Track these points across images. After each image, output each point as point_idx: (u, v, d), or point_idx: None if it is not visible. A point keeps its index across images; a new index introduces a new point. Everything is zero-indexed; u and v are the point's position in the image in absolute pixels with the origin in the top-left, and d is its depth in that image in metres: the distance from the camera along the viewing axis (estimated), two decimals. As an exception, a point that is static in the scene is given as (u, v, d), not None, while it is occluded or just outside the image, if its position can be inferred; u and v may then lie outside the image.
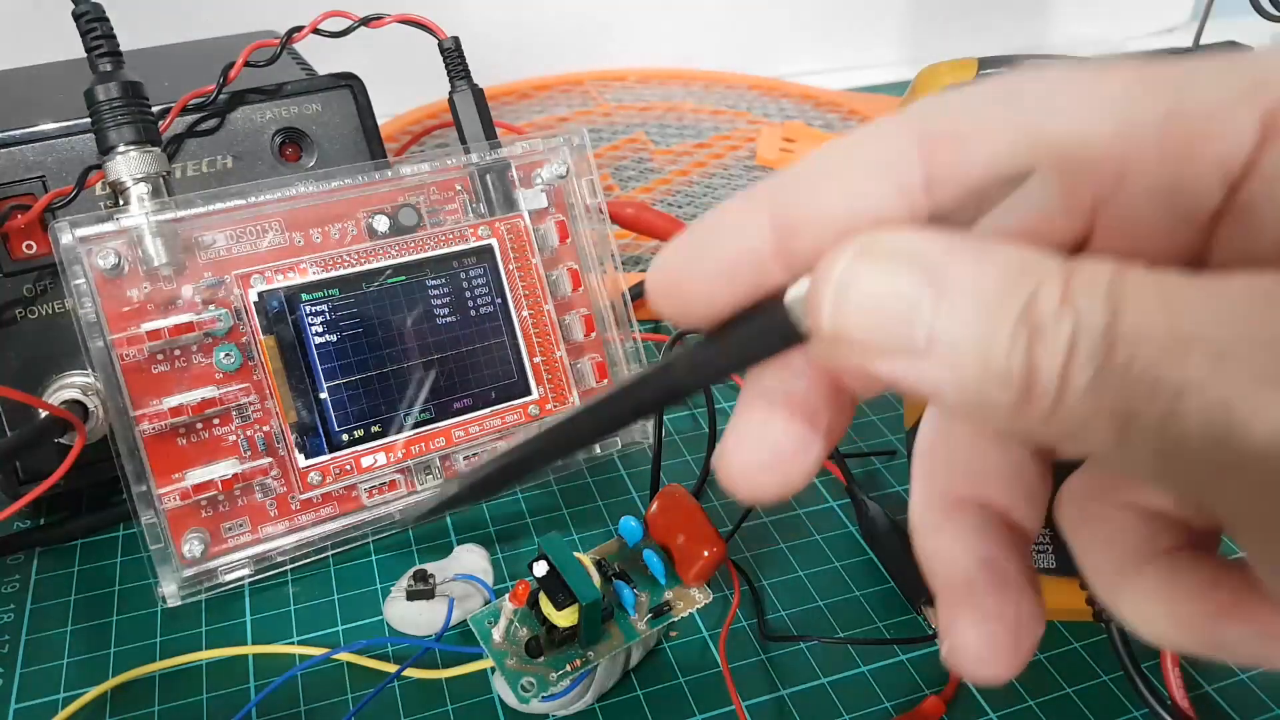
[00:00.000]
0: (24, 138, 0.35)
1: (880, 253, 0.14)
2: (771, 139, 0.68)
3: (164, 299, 0.34)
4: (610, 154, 0.69)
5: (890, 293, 0.14)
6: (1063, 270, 0.13)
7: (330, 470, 0.35)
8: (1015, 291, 0.13)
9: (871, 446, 0.43)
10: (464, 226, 0.38)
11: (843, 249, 0.15)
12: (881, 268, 0.14)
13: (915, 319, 0.14)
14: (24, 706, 0.31)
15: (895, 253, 0.14)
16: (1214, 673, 0.32)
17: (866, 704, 0.31)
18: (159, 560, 0.33)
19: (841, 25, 0.91)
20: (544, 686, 0.28)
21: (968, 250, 0.14)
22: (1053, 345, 0.13)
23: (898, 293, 0.14)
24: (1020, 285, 0.13)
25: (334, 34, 0.39)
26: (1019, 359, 0.13)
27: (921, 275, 0.14)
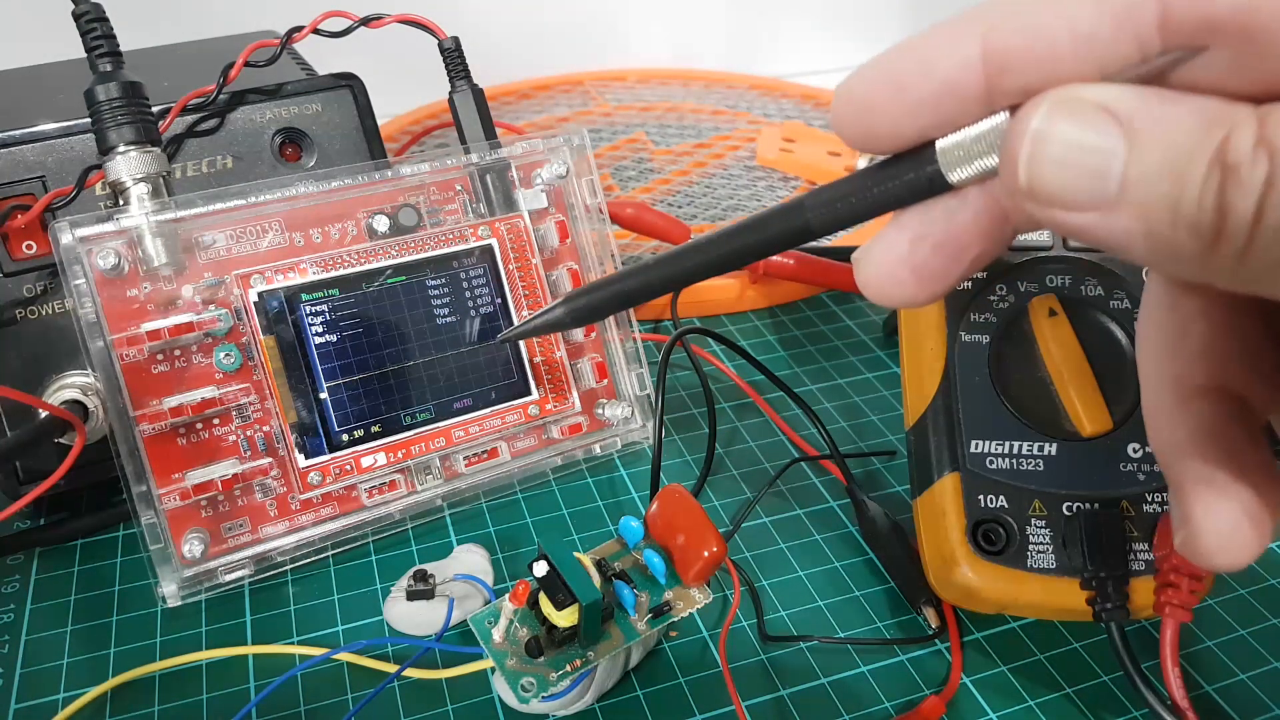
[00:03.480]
0: (24, 138, 0.35)
1: (1076, 105, 0.14)
2: (771, 139, 0.68)
3: (164, 299, 0.34)
4: (610, 154, 0.69)
5: (1085, 145, 0.14)
6: (1256, 115, 0.13)
7: (330, 470, 0.35)
8: (1208, 136, 0.13)
9: (871, 446, 0.43)
10: (464, 226, 0.38)
11: (1039, 101, 0.15)
12: (1077, 120, 0.14)
13: (1108, 171, 0.14)
14: (24, 706, 0.31)
15: (1091, 105, 0.14)
16: (1214, 673, 0.32)
17: (866, 704, 0.31)
18: (159, 560, 0.33)
19: (841, 25, 0.91)
20: (544, 686, 0.28)
21: (1160, 100, 0.14)
22: (1248, 184, 0.13)
23: (1093, 145, 0.14)
24: (1213, 130, 0.13)
25: (334, 34, 0.39)
26: (1210, 202, 0.13)
27: (1116, 127, 0.14)
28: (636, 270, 0.19)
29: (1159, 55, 0.14)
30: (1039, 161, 0.15)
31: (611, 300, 0.20)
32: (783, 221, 0.18)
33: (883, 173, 0.17)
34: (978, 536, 0.31)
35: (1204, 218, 0.13)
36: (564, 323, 0.20)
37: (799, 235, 0.18)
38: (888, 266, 0.17)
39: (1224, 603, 0.35)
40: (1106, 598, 0.29)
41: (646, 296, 0.20)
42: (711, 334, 0.42)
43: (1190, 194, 0.13)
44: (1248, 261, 0.13)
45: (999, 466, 0.31)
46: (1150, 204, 0.14)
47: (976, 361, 0.32)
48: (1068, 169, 0.14)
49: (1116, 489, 0.31)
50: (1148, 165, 0.14)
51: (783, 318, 0.53)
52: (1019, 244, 0.33)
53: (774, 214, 0.18)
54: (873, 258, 0.17)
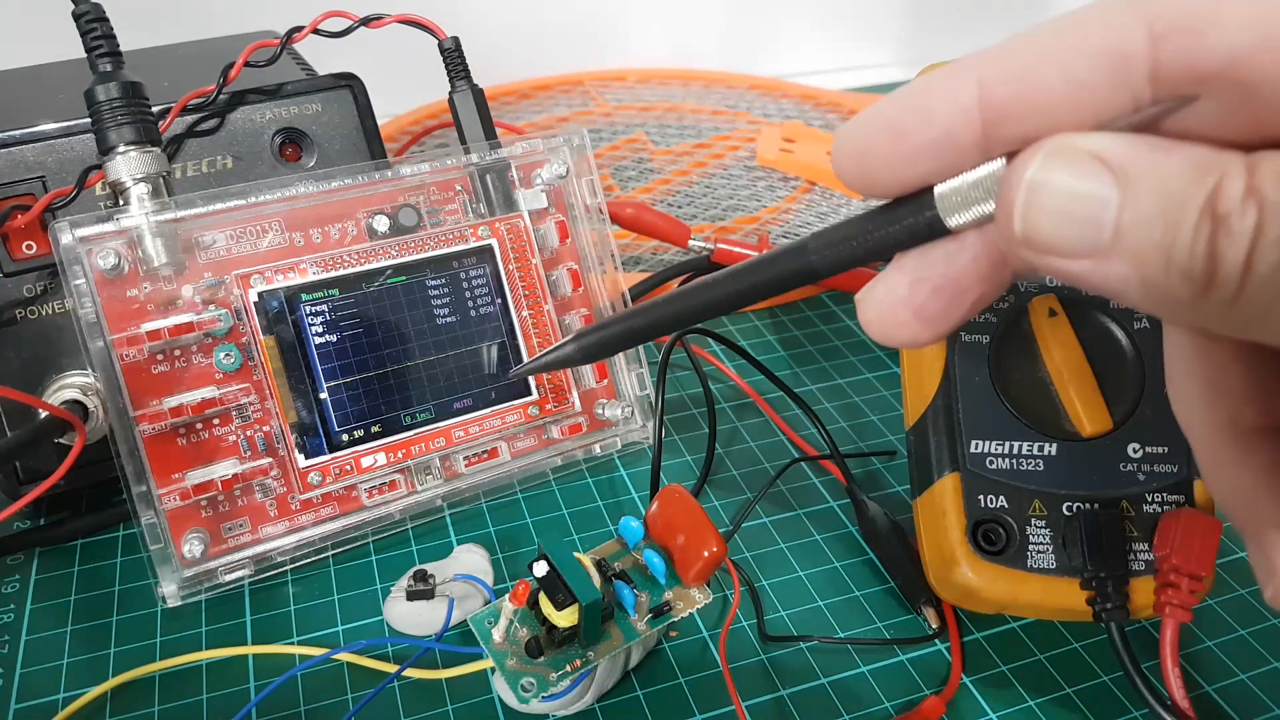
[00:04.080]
0: (24, 138, 0.35)
1: (1071, 154, 0.15)
2: (771, 139, 0.68)
3: (164, 299, 0.34)
4: (610, 154, 0.69)
5: (1079, 193, 0.14)
6: (1246, 164, 0.14)
7: (330, 470, 0.35)
8: (1200, 185, 0.14)
9: (871, 446, 0.43)
10: (464, 226, 0.38)
11: (1033, 151, 0.15)
12: (1071, 169, 0.14)
13: (1102, 219, 0.14)
14: (24, 706, 0.31)
15: (1085, 154, 0.14)
16: (1214, 673, 0.32)
17: (866, 704, 0.31)
18: (159, 560, 0.33)
19: (841, 25, 0.91)
20: (544, 686, 0.28)
21: (1152, 149, 0.14)
22: (1237, 233, 0.13)
23: (1087, 193, 0.14)
24: (1204, 179, 0.14)
25: (334, 34, 0.39)
26: (1202, 249, 0.14)
27: (1109, 175, 0.14)
28: (645, 308, 0.20)
29: (1151, 105, 0.15)
30: (1034, 210, 0.15)
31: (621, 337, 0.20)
32: (788, 262, 0.18)
33: (883, 217, 0.17)
34: (978, 536, 0.31)
35: (1196, 265, 0.14)
36: (574, 359, 0.21)
37: (803, 276, 0.18)
38: (889, 308, 0.18)
39: (1224, 603, 0.35)
40: (1106, 598, 0.29)
41: (655, 334, 0.20)
42: (711, 334, 0.42)
43: (1183, 241, 0.14)
44: (1239, 308, 0.14)
45: (999, 466, 0.31)
46: (1144, 251, 0.14)
47: (976, 361, 0.32)
48: (1062, 217, 0.15)
49: (1116, 489, 0.31)
50: (1141, 213, 0.14)
51: (783, 318, 0.53)
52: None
53: (779, 255, 0.18)
54: (875, 299, 0.18)
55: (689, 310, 0.19)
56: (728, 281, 0.19)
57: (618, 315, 0.20)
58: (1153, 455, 0.31)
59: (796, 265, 0.18)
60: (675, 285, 0.52)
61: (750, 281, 0.19)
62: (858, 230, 0.17)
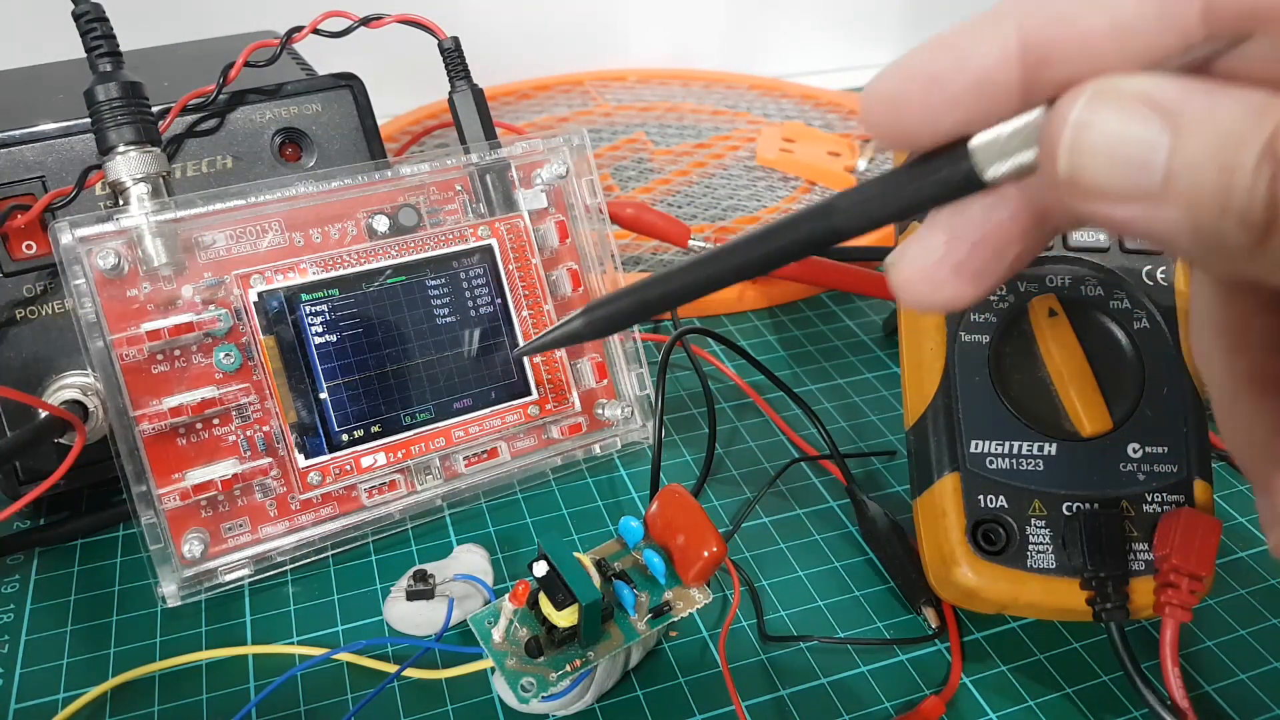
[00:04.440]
0: (24, 138, 0.35)
1: (1118, 95, 0.14)
2: (771, 139, 0.68)
3: (164, 299, 0.34)
4: (610, 154, 0.69)
5: (1128, 135, 0.14)
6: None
7: (330, 470, 0.35)
8: (1258, 127, 0.13)
9: (871, 446, 0.43)
10: (464, 226, 0.38)
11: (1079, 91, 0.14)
12: (1119, 111, 0.14)
13: (1152, 162, 0.14)
14: (24, 706, 0.31)
15: (1133, 95, 0.14)
16: (1214, 673, 0.32)
17: (866, 704, 0.31)
18: (159, 560, 0.33)
19: (841, 25, 0.91)
20: (544, 686, 0.28)
21: (1205, 90, 0.14)
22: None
23: (1136, 136, 0.14)
24: (1263, 120, 0.13)
25: (334, 34, 0.39)
26: (1261, 193, 0.13)
27: (1160, 118, 0.14)
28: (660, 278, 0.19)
29: (1202, 45, 0.14)
30: (1080, 152, 0.14)
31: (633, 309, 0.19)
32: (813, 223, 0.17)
33: (915, 171, 0.16)
34: (978, 536, 0.31)
35: (1254, 210, 0.13)
36: (582, 334, 0.20)
37: (829, 236, 0.17)
38: (926, 268, 0.17)
39: (1224, 603, 0.35)
40: (1106, 598, 0.29)
41: (669, 305, 0.19)
42: (711, 334, 0.42)
43: (1240, 185, 0.13)
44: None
45: (999, 466, 0.31)
46: (1197, 196, 0.13)
47: (976, 361, 0.32)
48: (1110, 159, 0.14)
49: (1116, 489, 0.31)
50: (1193, 156, 0.13)
51: (783, 318, 0.53)
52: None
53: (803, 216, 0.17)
54: (909, 259, 0.17)
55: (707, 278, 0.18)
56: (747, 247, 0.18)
57: (629, 286, 0.19)
58: (1153, 455, 0.31)
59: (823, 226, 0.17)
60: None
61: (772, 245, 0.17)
62: (888, 186, 0.17)
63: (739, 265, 0.18)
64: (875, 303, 0.53)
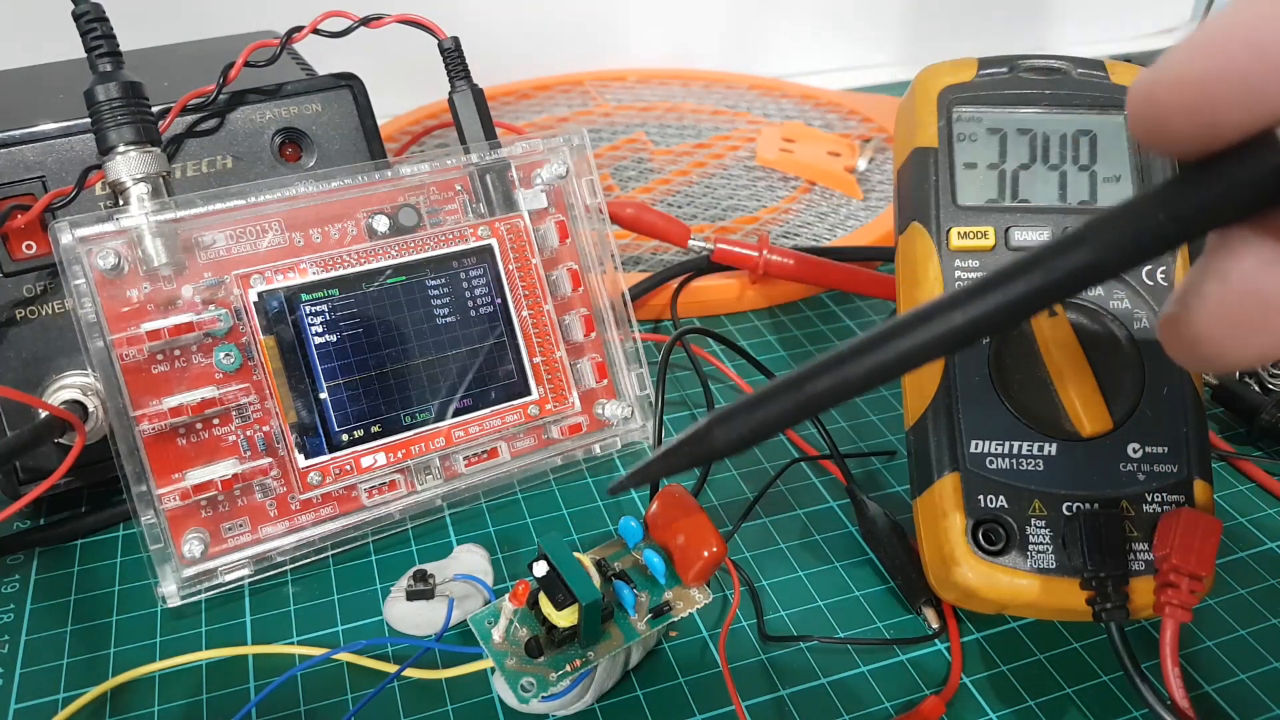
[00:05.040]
0: (24, 138, 0.35)
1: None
2: (771, 139, 0.68)
3: (164, 299, 0.34)
4: (610, 154, 0.69)
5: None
6: None
7: (330, 470, 0.35)
8: None
9: (871, 446, 0.43)
10: (464, 226, 0.38)
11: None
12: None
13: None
14: (24, 706, 0.31)
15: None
16: (1214, 673, 0.32)
17: (866, 704, 0.31)
18: (159, 560, 0.33)
19: (841, 25, 0.91)
20: (544, 686, 0.28)
21: None
22: None
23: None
24: None
25: (334, 34, 0.39)
26: None
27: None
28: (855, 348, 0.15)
29: None
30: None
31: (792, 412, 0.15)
32: (1058, 261, 0.13)
33: (1198, 180, 0.13)
34: (978, 536, 0.31)
35: None
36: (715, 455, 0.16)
37: (1082, 278, 0.13)
38: (1236, 308, 0.13)
39: (1224, 603, 0.35)
40: (1106, 598, 0.29)
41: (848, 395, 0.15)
42: (711, 334, 0.42)
43: None
44: None
45: (999, 466, 0.31)
46: None
47: (976, 361, 0.32)
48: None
49: (1116, 489, 0.31)
50: None
51: (783, 318, 0.53)
52: (1018, 244, 0.33)
53: (1044, 253, 0.13)
54: (1206, 304, 0.13)
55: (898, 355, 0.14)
56: (963, 305, 0.13)
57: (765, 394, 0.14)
58: (1153, 455, 0.31)
59: (1073, 263, 0.13)
60: (676, 285, 0.52)
61: (1007, 297, 0.13)
62: (1157, 203, 0.13)
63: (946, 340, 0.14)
64: (875, 303, 0.53)
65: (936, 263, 0.33)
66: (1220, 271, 0.13)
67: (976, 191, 0.34)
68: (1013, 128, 0.35)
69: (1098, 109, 0.35)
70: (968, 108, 0.35)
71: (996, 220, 0.34)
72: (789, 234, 0.59)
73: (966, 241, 0.33)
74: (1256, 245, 0.13)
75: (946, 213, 0.34)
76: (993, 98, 0.35)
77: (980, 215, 0.34)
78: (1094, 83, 0.35)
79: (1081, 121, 0.35)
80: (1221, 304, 0.13)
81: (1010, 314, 0.14)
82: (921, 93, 0.36)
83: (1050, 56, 0.36)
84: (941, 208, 0.34)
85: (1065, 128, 0.35)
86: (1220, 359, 0.13)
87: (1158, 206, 0.13)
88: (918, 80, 0.37)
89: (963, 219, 0.34)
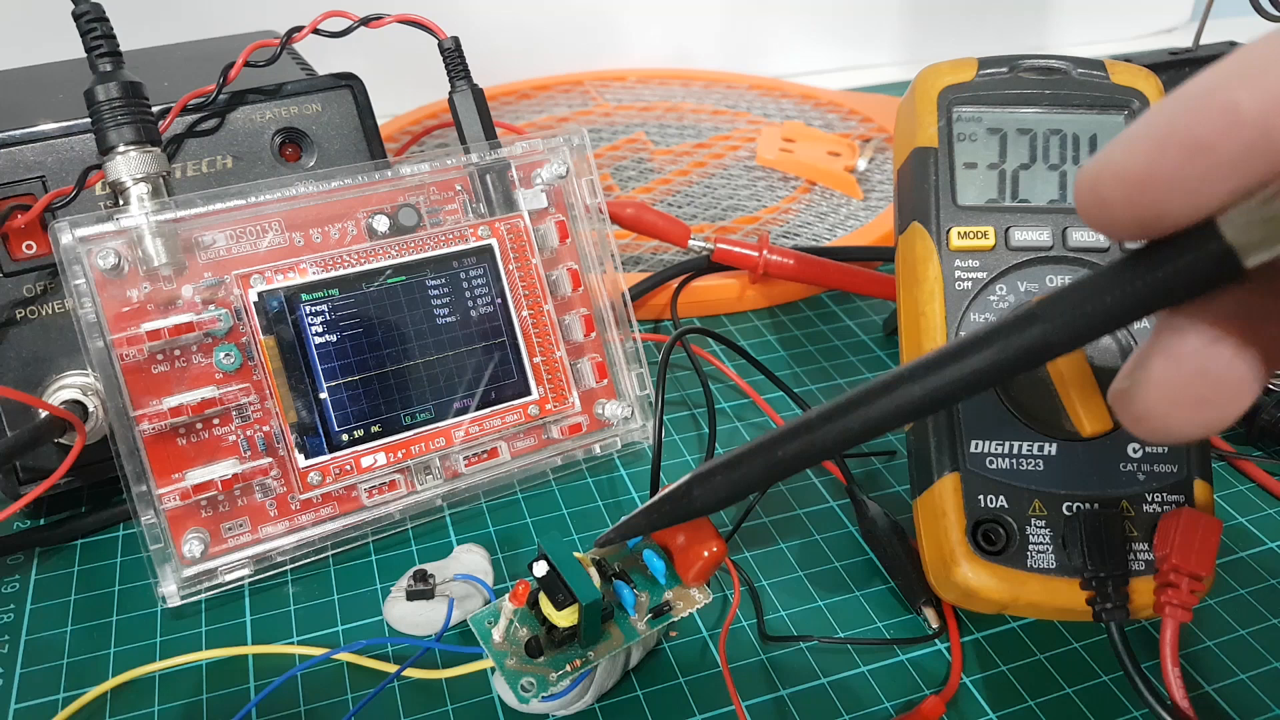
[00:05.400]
0: (24, 138, 0.35)
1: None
2: (771, 139, 0.68)
3: (164, 299, 0.34)
4: (610, 154, 0.69)
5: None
6: None
7: (330, 470, 0.35)
8: None
9: (871, 447, 0.43)
10: (464, 226, 0.38)
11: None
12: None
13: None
14: (24, 706, 0.31)
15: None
16: (1214, 673, 0.32)
17: (866, 704, 0.31)
18: (159, 560, 0.33)
19: (841, 25, 0.91)
20: (544, 686, 0.28)
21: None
22: None
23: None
24: None
25: (334, 34, 0.39)
26: None
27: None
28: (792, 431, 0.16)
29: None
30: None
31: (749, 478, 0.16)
32: (1010, 338, 0.14)
33: (1148, 264, 0.13)
34: (978, 536, 0.31)
35: None
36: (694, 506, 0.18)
37: (1034, 355, 0.14)
38: (1184, 386, 0.14)
39: (1224, 603, 0.35)
40: (1106, 598, 0.29)
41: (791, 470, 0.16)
42: (711, 334, 0.42)
43: None
44: None
45: (999, 466, 0.31)
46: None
47: (976, 361, 0.32)
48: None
49: (1116, 489, 0.31)
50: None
51: (783, 318, 0.53)
52: (1018, 244, 0.33)
53: (995, 331, 0.14)
54: (1154, 381, 0.14)
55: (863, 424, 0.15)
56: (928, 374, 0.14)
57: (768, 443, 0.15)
58: (1153, 455, 0.31)
59: (1026, 340, 0.14)
60: (676, 284, 0.52)
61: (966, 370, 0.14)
62: (1107, 284, 0.14)
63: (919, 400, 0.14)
64: (875, 303, 0.53)
65: (936, 262, 0.33)
66: (1167, 350, 0.14)
67: (976, 191, 0.34)
68: (1013, 128, 0.35)
69: (1098, 109, 0.35)
70: (968, 108, 0.35)
71: (996, 220, 0.34)
72: (789, 234, 0.59)
73: (967, 241, 0.33)
74: (1201, 325, 0.14)
75: (946, 212, 0.34)
76: (993, 98, 0.35)
77: (980, 215, 0.34)
78: (1094, 83, 0.35)
79: (1081, 121, 0.35)
80: (1168, 382, 0.14)
81: (966, 388, 0.14)
82: (921, 93, 0.36)
83: (1050, 56, 0.36)
84: (941, 208, 0.34)
85: (1065, 128, 0.35)
86: (1169, 434, 0.14)
87: (1106, 288, 0.14)
88: (918, 80, 0.37)
89: (963, 219, 0.34)
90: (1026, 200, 0.34)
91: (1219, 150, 0.12)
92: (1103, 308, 0.14)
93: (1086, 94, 0.35)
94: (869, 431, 0.15)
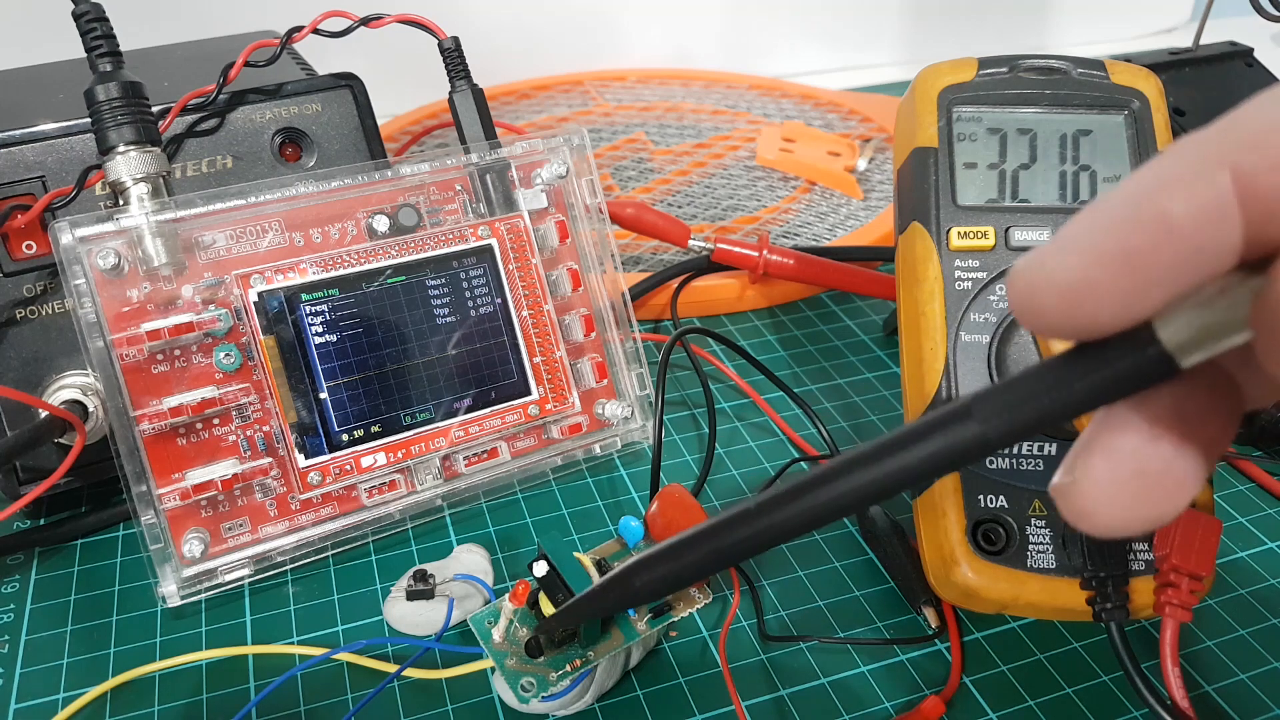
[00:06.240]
0: (24, 138, 0.35)
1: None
2: (771, 139, 0.68)
3: (164, 299, 0.34)
4: (610, 154, 0.69)
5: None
6: None
7: (330, 470, 0.35)
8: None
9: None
10: (464, 226, 0.38)
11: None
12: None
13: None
14: (24, 706, 0.31)
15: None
16: (1214, 673, 0.32)
17: (866, 704, 0.31)
18: (159, 560, 0.33)
19: (841, 25, 0.91)
20: (544, 686, 0.28)
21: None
22: None
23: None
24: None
25: (334, 34, 0.39)
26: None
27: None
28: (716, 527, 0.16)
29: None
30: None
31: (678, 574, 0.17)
32: (946, 436, 0.14)
33: (1080, 364, 0.14)
34: (978, 536, 0.31)
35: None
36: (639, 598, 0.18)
37: (970, 452, 0.14)
38: (1125, 482, 0.14)
39: (1224, 603, 0.35)
40: (1106, 598, 0.29)
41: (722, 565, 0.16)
42: (711, 334, 0.42)
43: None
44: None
45: (999, 466, 0.31)
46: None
47: (976, 361, 0.32)
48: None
49: (1116, 489, 0.31)
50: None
51: (783, 318, 0.53)
52: (1018, 244, 0.33)
53: (930, 425, 0.14)
54: (1094, 479, 0.14)
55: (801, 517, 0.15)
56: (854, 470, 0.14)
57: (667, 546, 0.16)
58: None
59: (963, 438, 0.14)
60: (676, 285, 0.52)
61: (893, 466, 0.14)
62: (1044, 384, 0.14)
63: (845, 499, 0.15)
64: (875, 303, 0.53)
65: (936, 262, 0.33)
66: (1105, 447, 0.14)
67: (976, 191, 0.34)
68: (1013, 128, 0.35)
69: (1098, 109, 0.35)
70: (968, 107, 0.35)
71: (996, 220, 0.34)
72: (789, 234, 0.59)
73: (966, 241, 0.33)
74: (1138, 423, 0.14)
75: (946, 212, 0.34)
76: (993, 98, 0.35)
77: (980, 215, 0.34)
78: (1094, 83, 0.35)
79: (1081, 121, 0.35)
80: (1107, 480, 0.14)
81: (903, 481, 0.15)
82: (921, 93, 0.36)
83: (1050, 56, 0.36)
84: (941, 207, 0.34)
85: (1065, 128, 0.35)
86: (1110, 529, 0.14)
87: (1042, 388, 0.14)
88: (918, 80, 0.37)
89: (963, 219, 0.34)
90: (1026, 200, 0.34)
91: (1152, 262, 0.13)
92: (1038, 411, 0.14)
93: (1086, 94, 0.35)
94: (810, 522, 0.15)
